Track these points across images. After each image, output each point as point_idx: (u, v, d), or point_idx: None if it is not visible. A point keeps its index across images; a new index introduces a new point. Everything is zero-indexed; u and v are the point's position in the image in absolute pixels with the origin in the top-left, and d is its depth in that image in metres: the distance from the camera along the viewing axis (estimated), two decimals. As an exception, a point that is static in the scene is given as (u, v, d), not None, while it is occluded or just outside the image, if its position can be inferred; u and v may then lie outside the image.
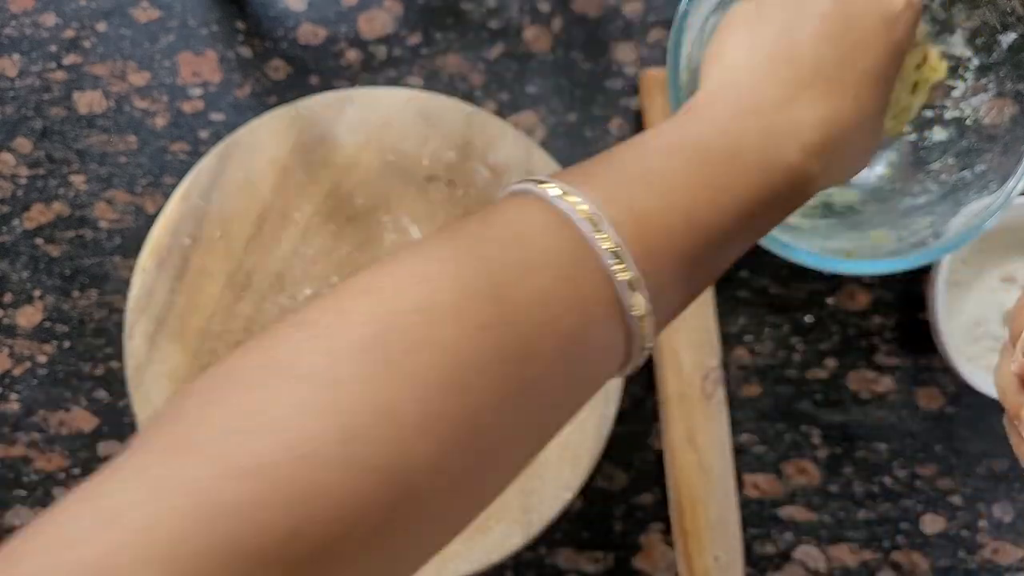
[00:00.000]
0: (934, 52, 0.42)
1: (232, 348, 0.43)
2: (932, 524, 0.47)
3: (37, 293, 0.46)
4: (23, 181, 0.46)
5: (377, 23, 0.46)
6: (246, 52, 0.46)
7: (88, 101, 0.46)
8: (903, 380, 0.47)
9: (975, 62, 0.40)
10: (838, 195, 0.44)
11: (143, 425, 0.42)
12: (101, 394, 0.46)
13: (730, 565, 0.43)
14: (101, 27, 0.46)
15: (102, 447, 0.46)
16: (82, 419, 0.46)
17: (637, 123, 0.47)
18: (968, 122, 0.41)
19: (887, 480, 0.47)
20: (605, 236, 0.23)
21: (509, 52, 0.47)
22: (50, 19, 0.46)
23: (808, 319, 0.47)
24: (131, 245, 0.46)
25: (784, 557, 0.47)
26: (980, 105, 0.40)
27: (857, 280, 0.47)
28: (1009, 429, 0.27)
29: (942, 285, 0.43)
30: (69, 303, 0.46)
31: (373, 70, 0.46)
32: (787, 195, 0.28)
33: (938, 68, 0.42)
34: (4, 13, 0.46)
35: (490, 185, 0.44)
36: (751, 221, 0.27)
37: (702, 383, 0.43)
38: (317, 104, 0.43)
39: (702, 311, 0.44)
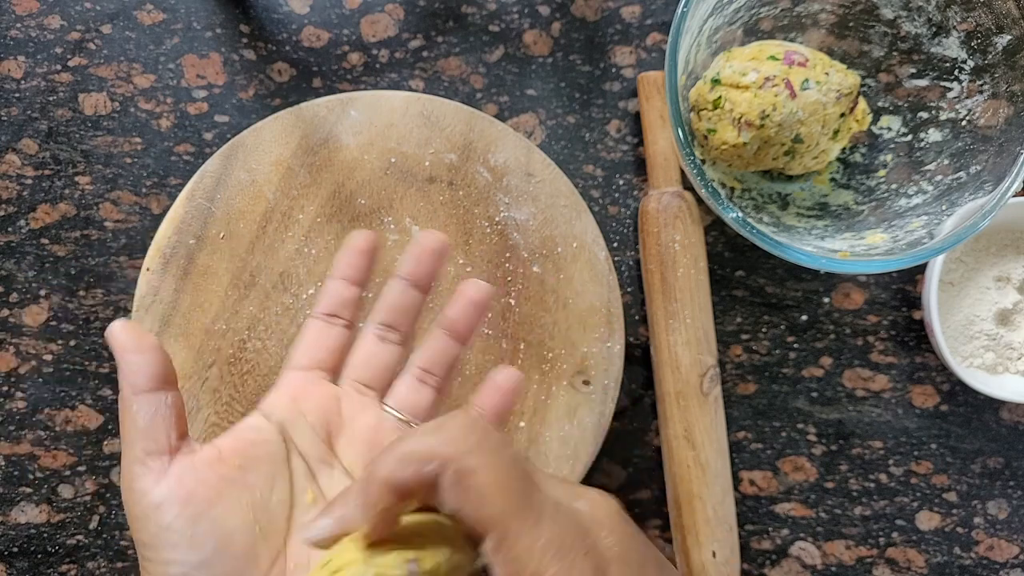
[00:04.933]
0: (863, 105, 0.43)
1: (236, 347, 0.43)
2: (927, 521, 0.47)
3: (43, 292, 0.46)
4: (29, 182, 0.46)
5: (379, 26, 0.47)
6: (250, 55, 0.47)
7: (93, 103, 0.47)
8: (898, 378, 0.47)
9: (970, 64, 0.40)
10: (833, 196, 0.45)
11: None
12: (106, 392, 0.46)
13: (727, 561, 0.44)
14: (106, 29, 0.46)
15: (107, 445, 0.46)
16: (87, 417, 0.46)
17: (635, 125, 0.47)
18: (963, 123, 0.41)
19: (882, 477, 0.47)
20: None
21: (509, 55, 0.47)
22: (55, 21, 0.46)
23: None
24: (136, 245, 0.46)
25: (781, 553, 0.47)
26: (975, 107, 0.40)
27: (852, 279, 0.48)
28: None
29: (936, 284, 0.43)
30: (75, 302, 0.46)
31: (375, 73, 0.47)
32: None
33: (863, 121, 0.43)
34: (9, 16, 0.46)
35: (490, 186, 0.44)
36: None
37: (699, 381, 0.44)
38: (320, 106, 0.44)
39: (699, 311, 0.45)
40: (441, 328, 0.34)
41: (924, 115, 0.43)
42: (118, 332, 0.30)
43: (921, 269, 0.47)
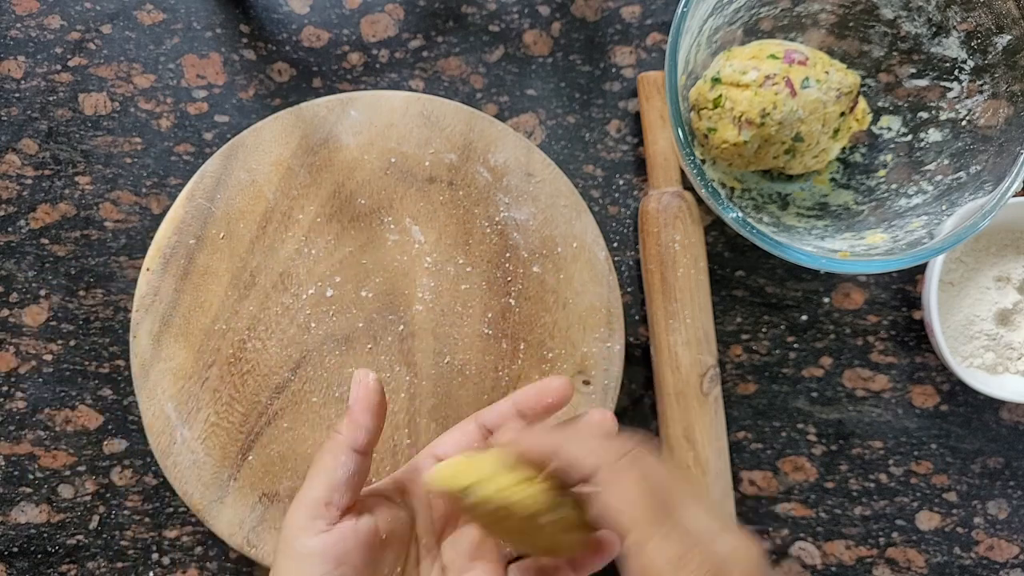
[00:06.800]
0: (863, 105, 0.43)
1: (236, 347, 0.43)
2: (927, 521, 0.47)
3: (43, 292, 0.46)
4: (29, 182, 0.46)
5: (379, 26, 0.47)
6: (250, 55, 0.47)
7: (93, 103, 0.47)
8: (898, 378, 0.47)
9: (970, 64, 0.40)
10: (833, 196, 0.45)
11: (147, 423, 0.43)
12: (106, 392, 0.46)
13: (727, 561, 0.44)
14: (106, 29, 0.47)
15: (107, 445, 0.46)
16: (88, 417, 0.46)
17: (635, 125, 0.47)
18: (963, 123, 0.41)
19: (883, 477, 0.47)
20: None
21: (509, 55, 0.47)
22: (55, 21, 0.46)
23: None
24: (136, 245, 0.46)
25: (781, 553, 0.47)
26: (975, 107, 0.40)
27: (852, 279, 0.48)
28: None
29: (936, 284, 0.43)
30: (75, 302, 0.46)
31: (375, 73, 0.47)
32: None
33: (863, 120, 0.43)
34: (9, 16, 0.46)
35: (490, 186, 0.44)
36: None
37: (699, 381, 0.44)
38: (320, 106, 0.44)
39: (699, 311, 0.45)
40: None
41: (924, 115, 0.43)
42: (371, 389, 0.33)
43: (921, 269, 0.47)
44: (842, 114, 0.42)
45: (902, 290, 0.48)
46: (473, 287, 0.44)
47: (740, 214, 0.37)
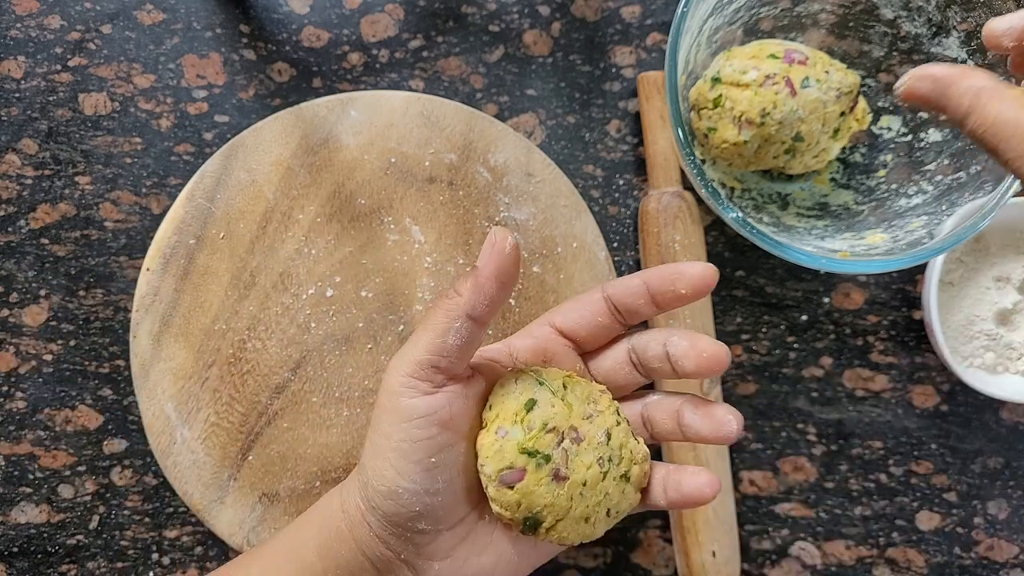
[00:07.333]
0: (863, 104, 0.43)
1: (236, 347, 0.43)
2: (927, 521, 0.47)
3: (43, 292, 0.46)
4: (29, 182, 0.46)
5: (379, 26, 0.47)
6: (250, 55, 0.47)
7: (93, 103, 0.47)
8: (898, 378, 0.47)
9: (970, 64, 0.40)
10: (833, 196, 0.45)
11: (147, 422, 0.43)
12: (106, 392, 0.46)
13: (727, 561, 0.44)
14: (106, 29, 0.47)
15: (107, 445, 0.46)
16: (88, 417, 0.46)
17: (635, 125, 0.47)
18: (963, 123, 0.41)
19: (883, 477, 0.47)
20: None
21: (509, 55, 0.47)
22: (55, 21, 0.46)
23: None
24: (136, 245, 0.46)
25: (781, 553, 0.47)
26: (975, 107, 0.40)
27: (852, 279, 0.48)
28: None
29: (936, 284, 0.43)
30: (75, 302, 0.46)
31: (375, 73, 0.47)
32: None
33: (863, 120, 0.43)
34: (9, 16, 0.46)
35: (490, 186, 0.44)
36: None
37: (699, 381, 0.44)
38: (320, 106, 0.44)
39: (700, 310, 0.45)
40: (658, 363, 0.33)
41: (924, 115, 0.43)
42: (506, 256, 0.29)
43: (921, 269, 0.47)
44: (842, 114, 0.42)
45: (902, 290, 0.48)
46: (473, 287, 0.44)
47: (740, 214, 0.37)
